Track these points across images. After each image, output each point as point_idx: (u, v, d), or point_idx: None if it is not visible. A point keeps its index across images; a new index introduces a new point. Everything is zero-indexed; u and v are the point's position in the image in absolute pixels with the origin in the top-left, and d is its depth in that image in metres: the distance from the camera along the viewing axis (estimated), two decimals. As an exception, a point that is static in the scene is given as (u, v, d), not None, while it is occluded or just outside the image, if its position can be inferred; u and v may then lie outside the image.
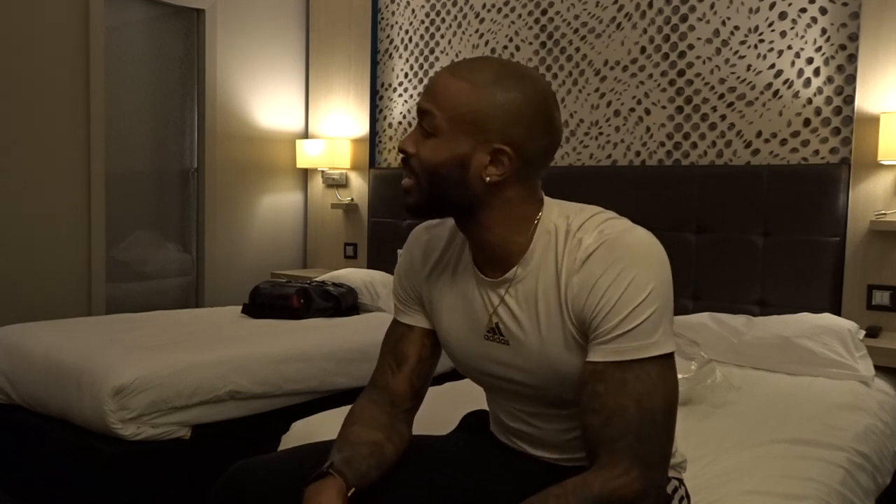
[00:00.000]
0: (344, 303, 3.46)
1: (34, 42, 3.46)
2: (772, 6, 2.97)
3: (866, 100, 2.69)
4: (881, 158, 2.59)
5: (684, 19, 3.19)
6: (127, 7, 3.90)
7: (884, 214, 2.66)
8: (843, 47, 2.82)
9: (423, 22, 4.11)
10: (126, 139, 3.91)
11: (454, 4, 3.96)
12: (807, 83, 2.90)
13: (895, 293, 2.67)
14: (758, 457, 1.69)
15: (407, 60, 4.21)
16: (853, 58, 2.78)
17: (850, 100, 2.80)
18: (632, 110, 3.35)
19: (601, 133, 3.46)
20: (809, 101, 2.90)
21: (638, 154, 3.35)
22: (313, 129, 4.59)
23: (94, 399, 2.24)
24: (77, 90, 3.60)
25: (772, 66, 2.98)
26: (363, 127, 4.35)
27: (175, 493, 2.34)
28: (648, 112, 3.30)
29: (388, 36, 4.29)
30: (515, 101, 1.09)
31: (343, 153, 4.35)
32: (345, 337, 2.94)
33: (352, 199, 4.43)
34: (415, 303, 1.30)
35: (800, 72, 2.92)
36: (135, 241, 4.02)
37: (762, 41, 3.00)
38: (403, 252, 1.34)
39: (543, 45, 3.63)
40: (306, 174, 4.68)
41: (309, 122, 4.62)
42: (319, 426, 1.77)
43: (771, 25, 2.97)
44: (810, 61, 2.89)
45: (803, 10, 2.90)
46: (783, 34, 2.95)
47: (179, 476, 2.35)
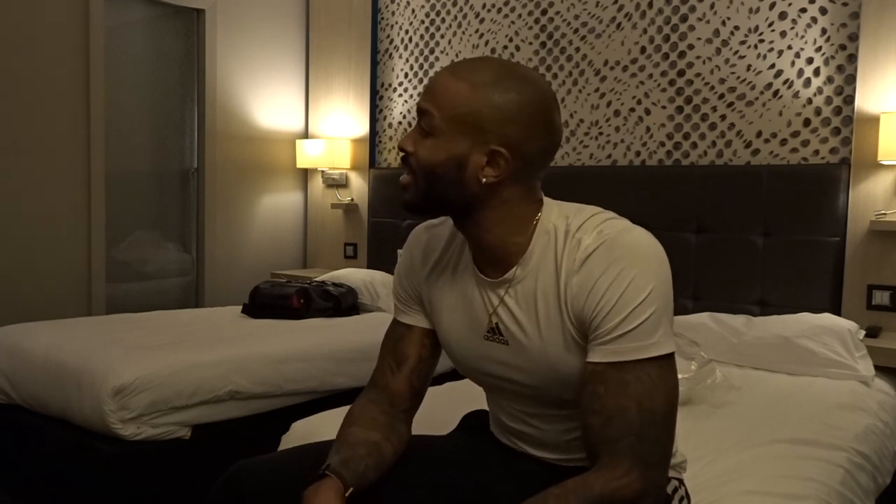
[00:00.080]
0: (344, 303, 3.46)
1: (34, 42, 3.46)
2: (772, 6, 2.97)
3: (866, 100, 2.69)
4: (881, 158, 2.59)
5: (684, 19, 3.19)
6: (127, 7, 3.90)
7: (884, 214, 2.66)
8: (843, 47, 2.82)
9: (423, 22, 4.11)
10: (126, 139, 3.91)
11: (454, 4, 3.96)
12: (807, 83, 2.90)
13: (895, 293, 2.67)
14: (758, 457, 1.69)
15: (407, 60, 4.21)
16: (853, 58, 2.78)
17: (850, 100, 2.80)
18: (632, 110, 3.35)
19: (601, 133, 3.45)
20: (809, 101, 2.90)
21: (638, 154, 3.35)
22: (313, 129, 4.59)
23: (94, 399, 2.24)
24: (77, 90, 3.60)
25: (772, 66, 2.98)
26: (363, 127, 4.35)
27: (175, 493, 2.34)
28: (648, 112, 3.30)
29: (388, 36, 4.29)
30: (513, 102, 1.09)
31: (343, 153, 4.35)
32: (345, 337, 2.94)
33: (352, 199, 4.43)
34: (415, 303, 1.30)
35: (800, 72, 2.92)
36: (135, 241, 4.03)
37: (762, 41, 2.99)
38: (403, 252, 1.34)
39: (543, 45, 3.63)
40: (306, 174, 4.68)
41: (309, 122, 4.62)
42: (319, 426, 1.77)
43: (771, 25, 2.97)
44: (810, 61, 2.89)
45: (803, 10, 2.90)
46: (783, 34, 2.94)
47: (179, 476, 2.35)
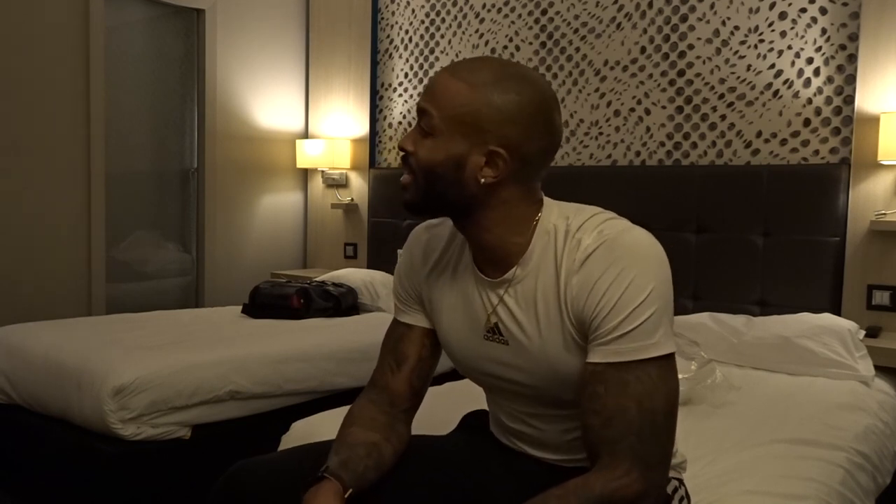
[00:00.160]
0: (344, 303, 3.46)
1: (34, 42, 3.45)
2: (772, 6, 2.97)
3: (866, 100, 2.69)
4: (881, 158, 2.59)
5: (684, 19, 3.19)
6: (127, 7, 3.90)
7: (884, 214, 2.66)
8: (843, 47, 2.82)
9: (423, 22, 4.11)
10: (126, 139, 3.91)
11: (454, 4, 3.96)
12: (807, 83, 2.90)
13: (895, 293, 2.67)
14: (758, 457, 1.69)
15: (407, 60, 4.21)
16: (853, 58, 2.78)
17: (850, 100, 2.80)
18: (632, 110, 3.35)
19: (601, 133, 3.45)
20: (809, 101, 2.90)
21: (638, 154, 3.34)
22: (313, 129, 4.59)
23: (94, 399, 2.24)
24: (77, 90, 3.60)
25: (772, 66, 2.98)
26: (363, 127, 4.35)
27: (175, 493, 2.34)
28: (648, 112, 3.30)
29: (388, 36, 4.29)
30: (512, 103, 1.09)
31: (343, 153, 4.35)
32: (345, 337, 2.94)
33: (352, 199, 4.42)
34: (415, 302, 1.30)
35: (800, 72, 2.91)
36: (135, 241, 4.03)
37: (762, 41, 2.99)
38: (403, 252, 1.33)
39: (543, 45, 3.62)
40: (306, 174, 4.68)
41: (309, 122, 4.62)
42: (319, 426, 1.77)
43: (771, 25, 2.97)
44: (810, 61, 2.89)
45: (803, 10, 2.90)
46: (783, 34, 2.94)
47: (179, 476, 2.35)
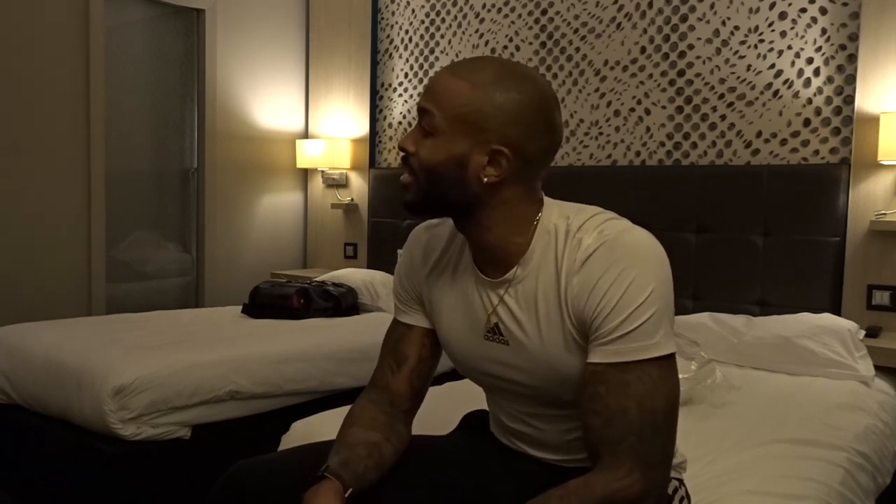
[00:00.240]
0: (344, 303, 3.46)
1: (34, 42, 3.45)
2: (772, 6, 2.97)
3: (866, 100, 2.69)
4: (881, 158, 2.59)
5: (684, 19, 3.19)
6: (127, 7, 3.89)
7: (884, 214, 2.66)
8: (843, 47, 2.82)
9: (423, 22, 4.11)
10: (126, 139, 3.91)
11: (454, 4, 3.96)
12: (807, 83, 2.90)
13: (895, 293, 2.67)
14: (758, 457, 1.69)
15: (407, 60, 4.21)
16: (853, 58, 2.78)
17: (850, 100, 2.80)
18: (632, 110, 3.35)
19: (601, 133, 3.45)
20: (809, 101, 2.90)
21: (638, 154, 3.34)
22: (313, 129, 4.59)
23: (94, 399, 2.24)
24: (77, 90, 3.60)
25: (772, 66, 2.98)
26: (363, 127, 4.35)
27: (175, 493, 2.34)
28: (648, 112, 3.30)
29: (388, 36, 4.29)
30: (514, 102, 1.09)
31: (343, 153, 4.35)
32: (345, 337, 2.94)
33: (352, 199, 4.42)
34: (415, 302, 1.30)
35: (800, 72, 2.91)
36: (135, 241, 4.02)
37: (762, 41, 2.99)
38: (403, 252, 1.33)
39: (543, 45, 3.62)
40: (306, 174, 4.68)
41: (309, 122, 4.62)
42: (319, 426, 1.77)
43: (771, 25, 2.97)
44: (810, 61, 2.89)
45: (803, 10, 2.90)
46: (783, 34, 2.94)
47: (179, 476, 2.35)
